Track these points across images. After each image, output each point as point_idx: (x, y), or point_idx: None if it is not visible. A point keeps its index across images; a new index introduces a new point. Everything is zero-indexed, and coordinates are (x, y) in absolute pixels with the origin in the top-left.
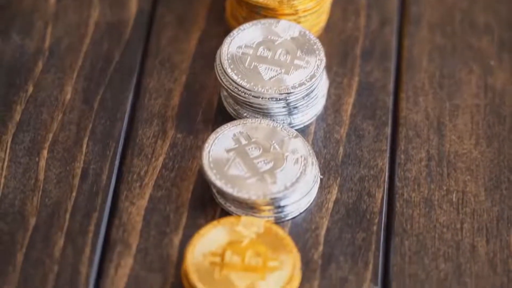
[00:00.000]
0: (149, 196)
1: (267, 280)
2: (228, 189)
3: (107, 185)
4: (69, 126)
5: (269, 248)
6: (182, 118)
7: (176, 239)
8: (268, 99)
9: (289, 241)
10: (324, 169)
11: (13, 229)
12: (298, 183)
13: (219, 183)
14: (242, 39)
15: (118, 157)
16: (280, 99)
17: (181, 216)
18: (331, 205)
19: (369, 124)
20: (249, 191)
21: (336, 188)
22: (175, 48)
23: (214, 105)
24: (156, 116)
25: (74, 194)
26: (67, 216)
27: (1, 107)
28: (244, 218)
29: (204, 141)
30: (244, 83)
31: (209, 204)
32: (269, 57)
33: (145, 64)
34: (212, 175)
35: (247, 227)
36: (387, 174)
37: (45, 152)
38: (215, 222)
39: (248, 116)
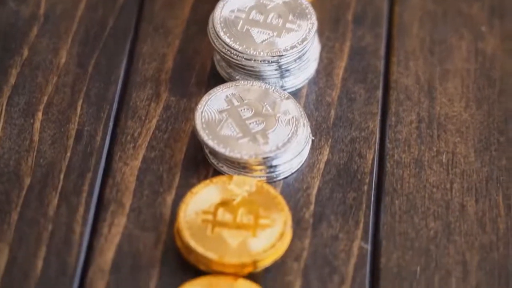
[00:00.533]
0: (142, 156)
1: (259, 237)
2: (220, 149)
3: (101, 146)
4: (64, 89)
5: (260, 207)
6: (176, 82)
7: (169, 198)
8: (260, 61)
9: (280, 200)
10: (316, 130)
11: (8, 189)
12: (289, 143)
13: (211, 143)
14: (235, 3)
15: (112, 119)
16: (272, 62)
17: (174, 176)
18: (322, 165)
19: (360, 87)
20: (241, 151)
21: (328, 149)
22: (169, 14)
23: (207, 69)
24: (149, 80)
25: (68, 154)
26: (61, 176)
27: None
28: (236, 177)
29: (197, 103)
30: (236, 46)
31: (201, 164)
32: (261, 20)
33: (139, 29)
34: (205, 135)
35: (239, 186)
36: (378, 136)
37: (40, 114)
38: (207, 181)
39: (240, 79)
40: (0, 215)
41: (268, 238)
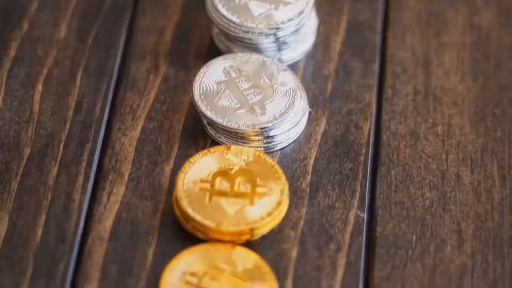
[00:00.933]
0: (141, 127)
1: (256, 205)
2: (218, 119)
3: (100, 117)
4: (64, 62)
5: (258, 176)
6: (174, 55)
7: (167, 168)
8: (258, 34)
9: (277, 169)
10: (313, 102)
11: (8, 158)
12: (286, 114)
13: (209, 113)
14: None
15: (111, 91)
16: (269, 34)
17: (173, 147)
18: (319, 136)
19: (357, 61)
20: (238, 121)
21: (325, 121)
22: None
23: (205, 43)
24: (148, 53)
25: (68, 125)
26: (61, 146)
27: None
28: (234, 147)
29: (195, 75)
30: (234, 19)
31: (200, 135)
32: None
33: (138, 3)
34: (203, 106)
35: (237, 155)
36: (374, 108)
37: (40, 86)
38: (205, 151)
39: (238, 52)
40: (1, 184)
41: (265, 206)
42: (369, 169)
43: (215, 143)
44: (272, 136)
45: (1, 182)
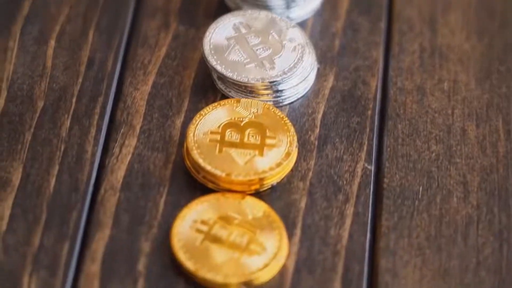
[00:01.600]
0: (152, 82)
1: (265, 156)
2: (228, 73)
3: (112, 72)
4: (76, 18)
5: (267, 128)
6: (185, 12)
7: (178, 122)
8: None
9: (286, 121)
10: (321, 59)
11: (22, 111)
12: (295, 68)
13: (219, 68)
14: None
15: (123, 47)
16: None
17: (183, 101)
18: (327, 91)
19: (364, 19)
20: (248, 75)
21: (332, 77)
22: None
23: (215, 1)
24: (159, 10)
25: (80, 80)
26: (74, 99)
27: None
28: (243, 100)
29: (205, 32)
30: None
31: (210, 90)
32: None
33: None
34: (213, 61)
35: (247, 108)
36: (381, 64)
37: (52, 42)
38: (215, 104)
39: (248, 9)
40: (14, 135)
41: (275, 157)
42: (376, 123)
43: (225, 97)
44: (281, 91)
45: (15, 133)
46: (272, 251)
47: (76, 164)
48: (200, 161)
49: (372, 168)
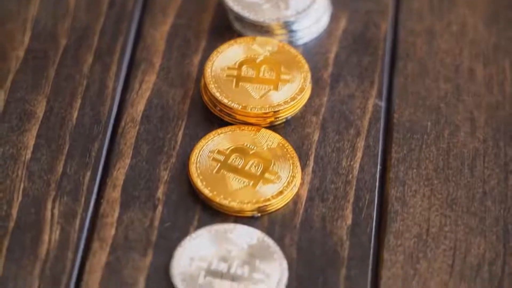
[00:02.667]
0: (171, 23)
1: (280, 91)
2: (245, 13)
3: (133, 13)
4: None
5: (282, 64)
6: None
7: (196, 59)
8: None
9: (300, 58)
10: (334, 3)
11: (45, 48)
12: (309, 9)
13: (236, 8)
14: None
15: None
16: None
17: (201, 41)
18: (340, 33)
19: None
20: (264, 15)
21: (345, 20)
22: None
23: None
24: None
25: (102, 19)
26: (96, 38)
27: None
28: (259, 38)
29: None
30: None
31: (226, 31)
32: None
33: None
34: (230, 1)
35: (262, 45)
36: (392, 8)
37: None
38: (231, 41)
39: None
40: (38, 71)
41: (289, 91)
42: (387, 63)
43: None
44: (295, 31)
45: (39, 68)
46: (286, 179)
47: (98, 98)
48: (217, 95)
49: (382, 104)
